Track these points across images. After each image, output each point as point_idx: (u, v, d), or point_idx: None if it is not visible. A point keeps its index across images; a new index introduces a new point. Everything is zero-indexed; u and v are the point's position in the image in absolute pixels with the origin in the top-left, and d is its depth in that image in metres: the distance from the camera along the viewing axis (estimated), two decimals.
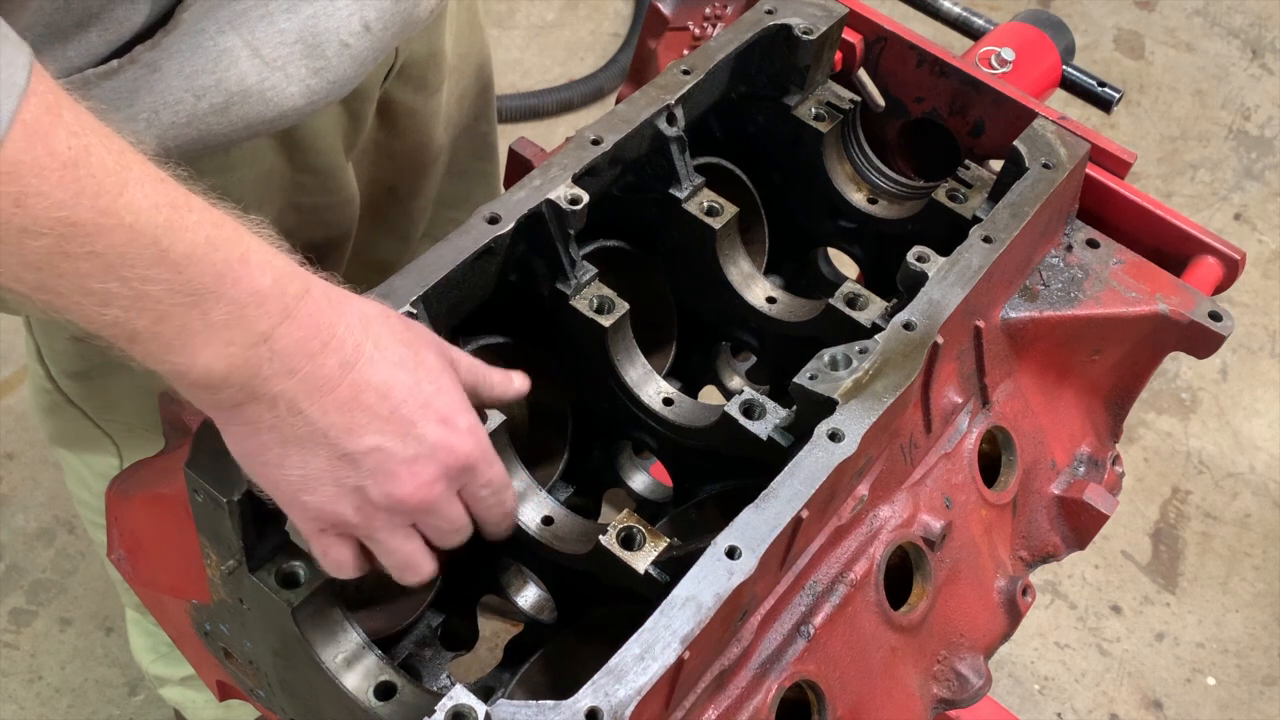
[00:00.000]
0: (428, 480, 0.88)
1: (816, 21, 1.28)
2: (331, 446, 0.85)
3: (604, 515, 1.31)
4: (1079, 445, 1.33)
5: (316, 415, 0.84)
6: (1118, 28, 3.60)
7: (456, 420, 0.90)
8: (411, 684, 0.95)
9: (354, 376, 0.85)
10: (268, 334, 0.81)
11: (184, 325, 0.78)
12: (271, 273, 0.81)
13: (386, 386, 0.86)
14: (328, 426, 0.84)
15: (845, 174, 1.36)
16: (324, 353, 0.83)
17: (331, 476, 0.86)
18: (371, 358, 0.86)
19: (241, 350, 0.80)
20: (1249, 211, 3.20)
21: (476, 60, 1.54)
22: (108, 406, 1.38)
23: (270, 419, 0.83)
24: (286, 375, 0.82)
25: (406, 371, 0.87)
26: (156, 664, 1.85)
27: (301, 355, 0.82)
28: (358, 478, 0.86)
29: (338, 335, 0.84)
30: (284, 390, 0.82)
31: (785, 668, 1.02)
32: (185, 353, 0.79)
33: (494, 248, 1.06)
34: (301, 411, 0.83)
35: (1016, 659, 2.42)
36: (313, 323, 0.83)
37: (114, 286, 0.74)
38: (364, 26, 1.09)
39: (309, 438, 0.84)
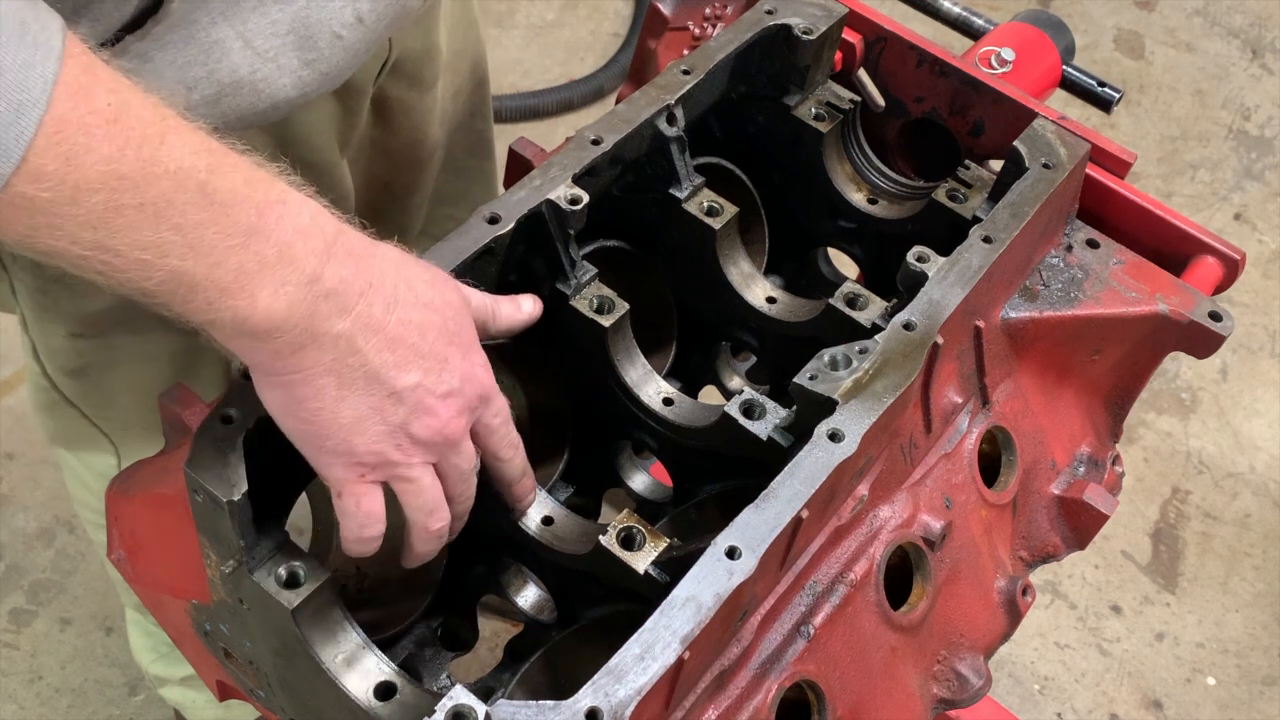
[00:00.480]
0: (457, 412, 0.92)
1: (816, 21, 1.28)
2: (383, 384, 0.88)
3: (604, 515, 1.31)
4: (1079, 445, 1.33)
5: (372, 354, 0.87)
6: (1118, 28, 3.60)
7: (474, 354, 0.95)
8: (411, 684, 0.95)
9: (398, 315, 0.88)
10: (317, 272, 0.83)
11: (239, 266, 0.80)
12: (308, 211, 0.84)
13: (423, 325, 0.90)
14: (380, 365, 0.87)
15: (845, 174, 1.36)
16: (370, 292, 0.86)
17: (380, 415, 0.89)
18: (408, 299, 0.89)
19: (297, 288, 0.82)
20: (1249, 211, 3.20)
21: (471, 56, 1.54)
22: (105, 405, 1.38)
23: (330, 361, 0.86)
24: (342, 314, 0.85)
25: (435, 311, 0.91)
26: (156, 664, 1.85)
27: (352, 295, 0.85)
28: (403, 414, 0.89)
29: (376, 276, 0.87)
30: (343, 330, 0.85)
31: (785, 668, 1.02)
32: (245, 294, 0.80)
33: (494, 248, 1.06)
34: (359, 350, 0.86)
35: (1016, 659, 2.42)
36: (353, 262, 0.86)
37: (168, 235, 0.76)
38: (356, 18, 1.09)
39: (364, 377, 0.87)
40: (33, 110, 0.70)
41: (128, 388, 1.33)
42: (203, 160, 0.78)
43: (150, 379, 1.32)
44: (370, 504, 0.94)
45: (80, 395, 1.36)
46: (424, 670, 1.17)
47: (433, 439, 0.92)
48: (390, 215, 1.53)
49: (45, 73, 0.71)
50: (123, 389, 1.34)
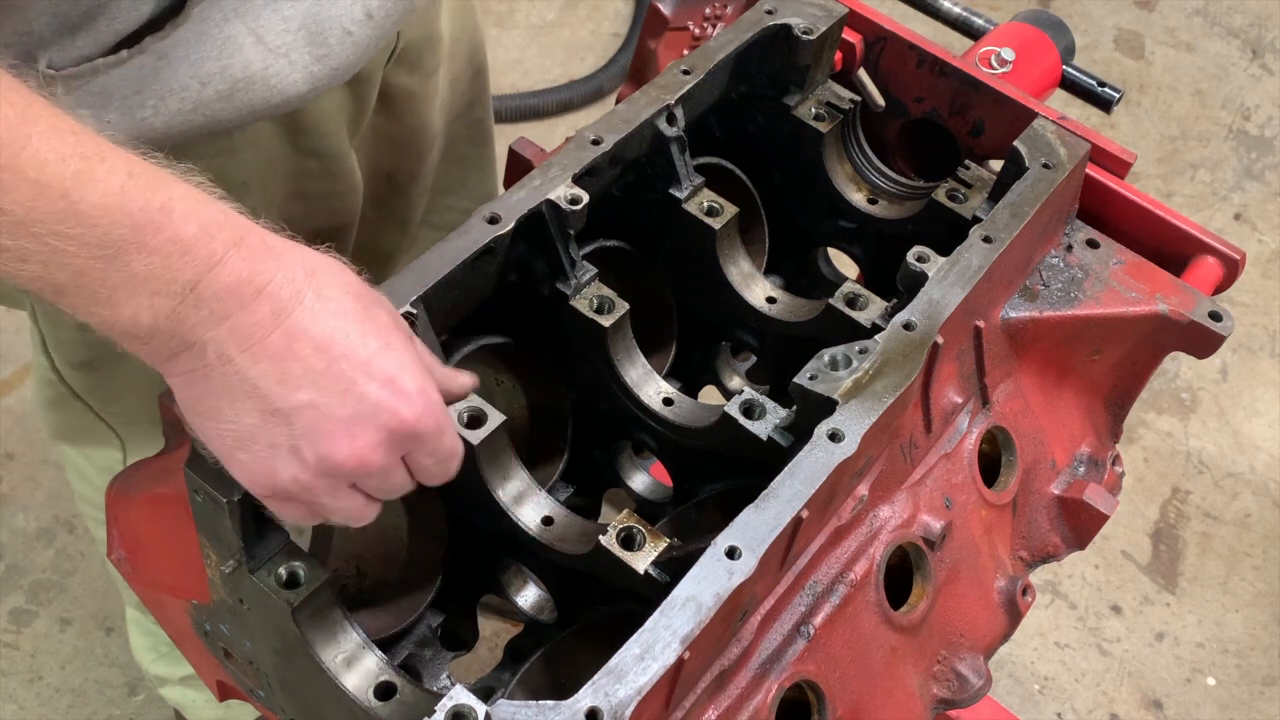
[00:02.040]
0: (367, 444, 0.83)
1: (816, 21, 1.28)
2: (262, 399, 0.81)
3: (604, 515, 1.31)
4: (1079, 445, 1.33)
5: (246, 364, 0.80)
6: (1118, 28, 3.60)
7: (403, 381, 0.85)
8: (411, 684, 0.95)
9: (288, 324, 0.81)
10: (194, 282, 0.78)
11: (104, 278, 0.76)
12: (197, 221, 0.79)
13: (325, 339, 0.82)
14: (257, 376, 0.81)
15: (845, 174, 1.36)
16: (257, 300, 0.80)
17: (265, 434, 0.82)
18: (311, 307, 0.82)
19: (166, 300, 0.78)
20: (1249, 211, 3.20)
21: (469, 43, 1.55)
22: (112, 399, 1.38)
23: (202, 368, 0.81)
24: (216, 322, 0.80)
25: (351, 323, 0.83)
26: (156, 664, 1.85)
27: (231, 301, 0.80)
28: (291, 437, 0.82)
29: (274, 282, 0.81)
30: (213, 338, 0.80)
31: (785, 668, 1.02)
32: (110, 305, 0.77)
33: (494, 248, 1.06)
34: (231, 360, 0.80)
35: (1016, 659, 2.42)
36: (246, 269, 0.80)
37: (27, 243, 0.73)
38: (366, 14, 1.10)
39: (240, 389, 0.81)
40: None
41: (136, 381, 1.33)
42: (70, 168, 0.73)
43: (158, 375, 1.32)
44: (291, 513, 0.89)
45: (88, 389, 1.36)
46: (424, 670, 1.17)
47: (333, 469, 0.84)
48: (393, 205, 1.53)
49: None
50: (131, 383, 1.34)
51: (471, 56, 1.56)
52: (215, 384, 0.81)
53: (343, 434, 0.83)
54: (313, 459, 0.83)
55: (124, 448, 1.45)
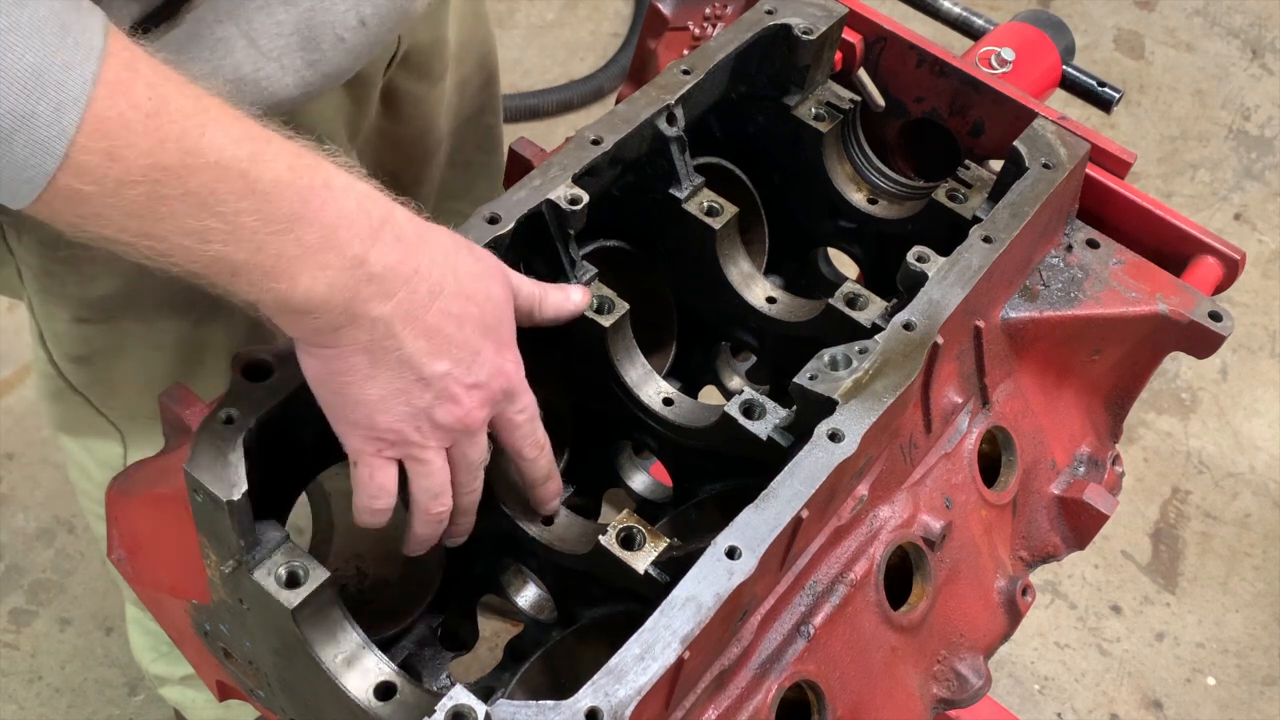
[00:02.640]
0: (479, 404, 0.95)
1: (816, 21, 1.28)
2: (413, 369, 0.90)
3: (604, 515, 1.31)
4: (1079, 445, 1.33)
5: (408, 340, 0.89)
6: (1118, 28, 3.60)
7: (510, 351, 0.98)
8: (411, 684, 0.95)
9: (440, 305, 0.90)
10: (361, 257, 0.85)
11: (280, 251, 0.82)
12: (355, 196, 0.86)
13: (462, 316, 0.92)
14: (415, 351, 0.90)
15: (845, 174, 1.36)
16: (415, 279, 0.89)
17: (406, 397, 0.91)
18: (453, 289, 0.91)
19: (339, 273, 0.84)
20: (1249, 211, 3.20)
21: (479, 50, 1.55)
22: (110, 394, 1.38)
23: (366, 341, 0.88)
24: (384, 299, 0.87)
25: (475, 304, 0.93)
26: (156, 663, 1.85)
27: (396, 280, 0.87)
28: (428, 400, 0.92)
29: (424, 264, 0.89)
30: (383, 314, 0.87)
31: (785, 668, 1.02)
32: (286, 278, 0.83)
33: (494, 248, 1.06)
34: (396, 335, 0.89)
35: (1016, 659, 2.42)
36: (401, 248, 0.88)
37: (210, 223, 0.79)
38: (360, 21, 1.10)
39: (397, 361, 0.90)
40: (73, 109, 0.72)
41: (134, 376, 1.34)
42: (245, 149, 0.79)
43: (157, 368, 1.32)
44: (383, 477, 0.96)
45: (86, 383, 1.36)
46: (424, 670, 1.17)
47: (453, 426, 0.94)
48: None
49: (85, 72, 0.73)
50: (129, 378, 1.34)
51: (482, 63, 1.56)
52: (376, 356, 0.89)
53: (466, 396, 0.94)
54: (442, 415, 0.94)
55: (124, 442, 1.45)
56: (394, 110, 1.41)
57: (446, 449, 0.97)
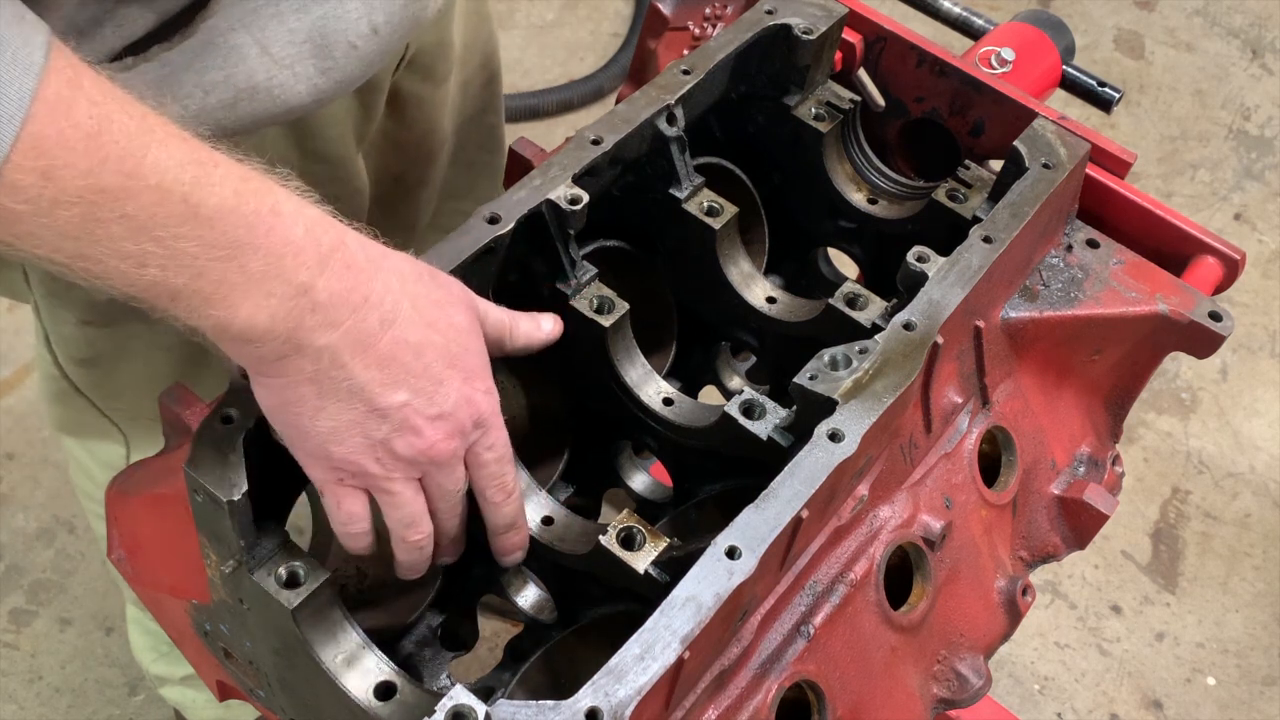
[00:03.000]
0: (445, 435, 0.92)
1: (816, 21, 1.28)
2: (367, 400, 0.88)
3: (604, 515, 1.31)
4: (1079, 445, 1.33)
5: (358, 370, 0.86)
6: (1118, 28, 3.60)
7: (479, 380, 0.94)
8: (411, 684, 0.95)
9: (393, 334, 0.87)
10: (307, 285, 0.83)
11: (222, 279, 0.79)
12: (304, 222, 0.83)
13: (421, 345, 0.89)
14: (366, 381, 0.87)
15: (845, 174, 1.36)
16: (365, 307, 0.86)
17: (361, 429, 0.89)
18: (409, 317, 0.89)
19: (282, 302, 0.82)
20: (1249, 211, 3.20)
21: (483, 50, 1.55)
22: (114, 395, 1.38)
23: (312, 371, 0.86)
24: (330, 328, 0.84)
25: (438, 333, 0.91)
26: (157, 663, 1.85)
27: (344, 309, 0.85)
28: (385, 431, 0.89)
29: (376, 292, 0.87)
30: (329, 344, 0.85)
31: (785, 668, 1.02)
32: (226, 306, 0.80)
33: (494, 248, 1.06)
34: (344, 365, 0.86)
35: (1016, 659, 2.42)
36: (350, 276, 0.85)
37: (149, 247, 0.76)
38: (372, 29, 1.10)
39: (347, 391, 0.87)
40: (8, 126, 0.70)
41: (138, 378, 1.34)
42: (189, 173, 0.77)
43: (161, 369, 1.32)
44: (350, 505, 0.94)
45: (91, 385, 1.37)
46: (424, 670, 1.17)
47: (416, 458, 0.92)
48: (399, 208, 1.54)
49: (23, 89, 0.71)
50: (133, 379, 1.34)
51: (485, 63, 1.56)
52: (323, 386, 0.87)
53: (429, 428, 0.91)
54: (402, 448, 0.91)
55: (127, 443, 1.45)
56: (398, 112, 1.41)
57: (418, 479, 0.95)
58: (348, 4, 1.07)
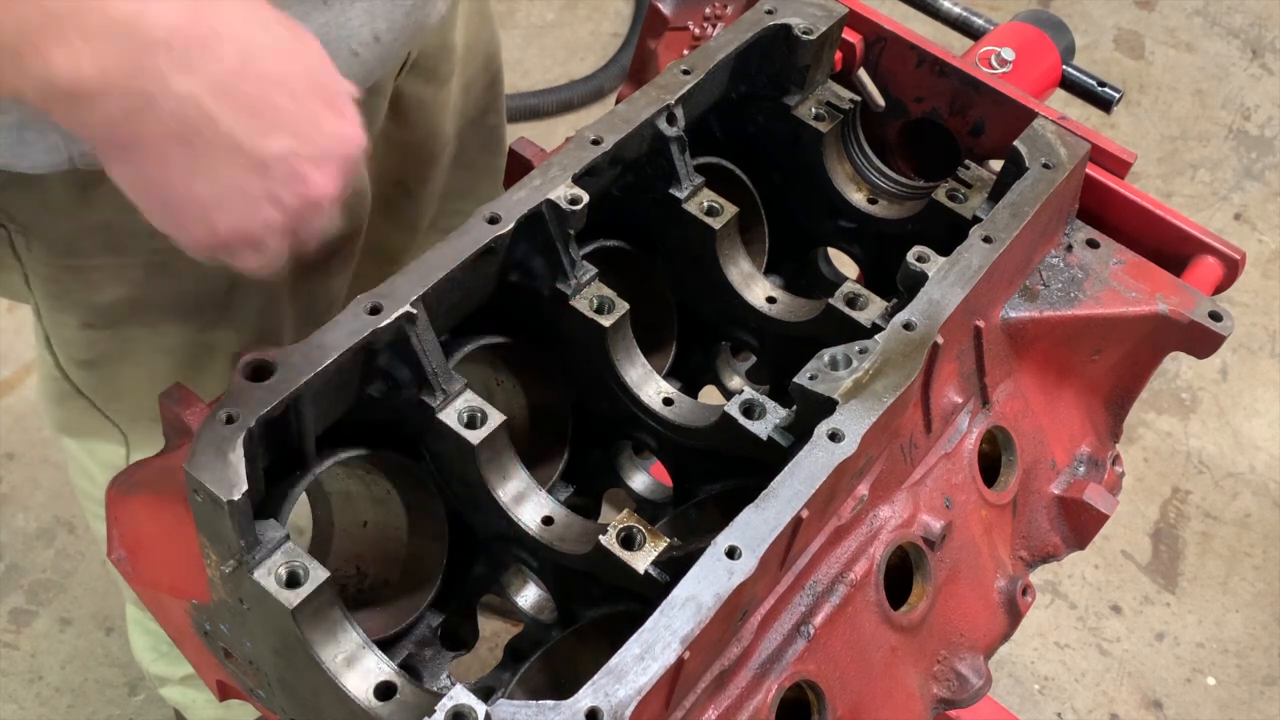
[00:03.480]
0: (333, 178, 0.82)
1: (816, 21, 1.28)
2: (244, 153, 0.77)
3: (604, 515, 1.31)
4: (1079, 445, 1.33)
5: (227, 117, 0.76)
6: (1118, 28, 3.60)
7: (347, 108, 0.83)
8: (411, 684, 0.95)
9: (256, 69, 0.76)
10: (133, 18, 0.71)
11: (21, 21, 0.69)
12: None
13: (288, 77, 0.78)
14: (238, 129, 0.76)
15: (845, 174, 1.36)
16: (215, 42, 0.75)
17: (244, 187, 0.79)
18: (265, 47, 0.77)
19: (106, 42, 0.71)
20: (1249, 211, 3.20)
21: (485, 51, 1.54)
22: (115, 397, 1.38)
23: (176, 127, 0.75)
24: (184, 71, 0.73)
25: (299, 60, 0.80)
26: (157, 663, 1.85)
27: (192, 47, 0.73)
28: (270, 185, 0.79)
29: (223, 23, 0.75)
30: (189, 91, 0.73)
31: (785, 668, 1.02)
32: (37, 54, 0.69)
33: (494, 248, 1.06)
34: (209, 114, 0.75)
35: (1016, 659, 2.42)
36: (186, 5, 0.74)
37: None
38: (374, 37, 1.09)
39: (220, 146, 0.76)
40: None
41: (139, 380, 1.34)
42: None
43: (162, 371, 1.32)
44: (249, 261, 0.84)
45: (92, 387, 1.36)
46: (424, 670, 1.17)
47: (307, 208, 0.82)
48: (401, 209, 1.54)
49: None
50: (134, 381, 1.34)
51: (487, 64, 1.56)
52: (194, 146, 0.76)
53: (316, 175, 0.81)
54: (291, 201, 0.81)
55: (127, 444, 1.45)
56: (401, 115, 1.41)
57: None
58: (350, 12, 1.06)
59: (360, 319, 0.97)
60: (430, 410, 1.02)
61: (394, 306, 0.98)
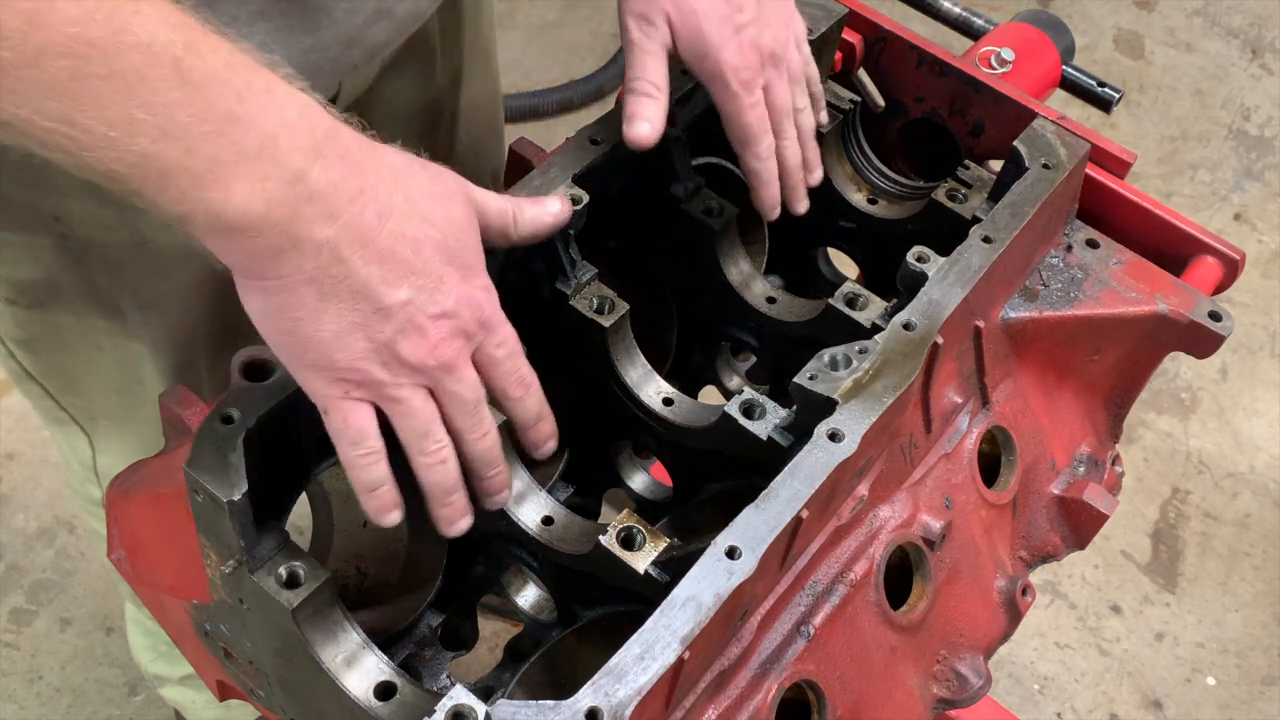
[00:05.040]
0: (449, 334, 0.88)
1: (816, 21, 1.28)
2: (369, 299, 0.84)
3: (604, 515, 1.31)
4: (1079, 445, 1.33)
5: (359, 265, 0.83)
6: (1118, 28, 3.60)
7: (476, 278, 0.91)
8: (411, 684, 0.95)
9: (391, 227, 0.84)
10: (303, 171, 0.79)
11: (215, 156, 0.76)
12: (296, 105, 0.80)
13: (419, 240, 0.86)
14: (368, 278, 0.84)
15: (845, 174, 1.36)
16: (361, 199, 0.82)
17: (364, 332, 0.85)
18: (405, 211, 0.85)
19: (278, 186, 0.78)
20: (1249, 211, 3.20)
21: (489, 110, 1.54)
22: (68, 389, 1.37)
23: (312, 269, 0.82)
24: (328, 220, 0.81)
25: (434, 227, 0.87)
26: (156, 663, 1.85)
27: (341, 200, 0.82)
28: (389, 332, 0.86)
29: (370, 183, 0.83)
30: (328, 238, 0.81)
31: (785, 668, 1.02)
32: (220, 186, 0.77)
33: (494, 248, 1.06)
34: (344, 261, 0.82)
35: (1016, 659, 2.42)
36: (345, 165, 0.82)
37: (138, 113, 0.73)
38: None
39: (349, 291, 0.84)
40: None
41: (84, 373, 1.32)
42: (180, 35, 0.74)
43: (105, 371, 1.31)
44: (359, 420, 0.90)
45: (42, 373, 1.35)
46: (424, 670, 1.17)
47: (423, 362, 0.88)
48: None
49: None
50: (80, 374, 1.33)
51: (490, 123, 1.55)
52: (324, 286, 0.83)
53: (433, 327, 0.87)
54: (408, 351, 0.87)
55: (92, 444, 1.44)
56: None
57: (427, 388, 0.90)
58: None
59: None
60: None
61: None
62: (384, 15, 1.15)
